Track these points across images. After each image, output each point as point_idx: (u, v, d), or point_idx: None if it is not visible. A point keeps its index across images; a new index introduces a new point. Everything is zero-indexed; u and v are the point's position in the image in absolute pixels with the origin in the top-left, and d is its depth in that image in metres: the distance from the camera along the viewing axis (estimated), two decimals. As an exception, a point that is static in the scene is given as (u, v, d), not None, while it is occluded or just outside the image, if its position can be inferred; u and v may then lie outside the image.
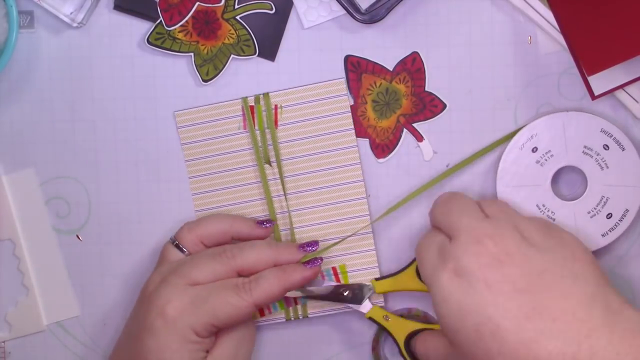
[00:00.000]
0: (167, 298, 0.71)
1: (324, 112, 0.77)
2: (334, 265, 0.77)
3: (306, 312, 0.78)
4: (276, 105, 0.77)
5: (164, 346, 0.70)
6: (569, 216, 0.76)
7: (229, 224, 0.76)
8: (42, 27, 0.78)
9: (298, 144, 0.77)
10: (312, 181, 0.77)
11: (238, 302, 0.71)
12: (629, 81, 0.75)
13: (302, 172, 0.77)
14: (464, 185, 0.78)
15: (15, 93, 0.79)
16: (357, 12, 0.76)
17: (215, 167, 0.77)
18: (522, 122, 0.77)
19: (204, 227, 0.76)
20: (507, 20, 0.77)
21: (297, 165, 0.77)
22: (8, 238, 0.79)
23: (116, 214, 0.79)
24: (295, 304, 0.78)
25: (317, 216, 0.77)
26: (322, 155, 0.77)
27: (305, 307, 0.78)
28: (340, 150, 0.77)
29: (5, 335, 0.80)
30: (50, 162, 0.79)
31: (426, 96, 0.77)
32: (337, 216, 0.77)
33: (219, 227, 0.76)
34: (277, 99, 0.77)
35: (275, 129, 0.77)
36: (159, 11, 0.77)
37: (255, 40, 0.77)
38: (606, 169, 0.75)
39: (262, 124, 0.77)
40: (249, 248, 0.74)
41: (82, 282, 0.80)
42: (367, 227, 0.77)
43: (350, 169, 0.77)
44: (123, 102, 0.79)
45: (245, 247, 0.74)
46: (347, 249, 0.77)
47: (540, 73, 0.77)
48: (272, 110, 0.77)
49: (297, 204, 0.77)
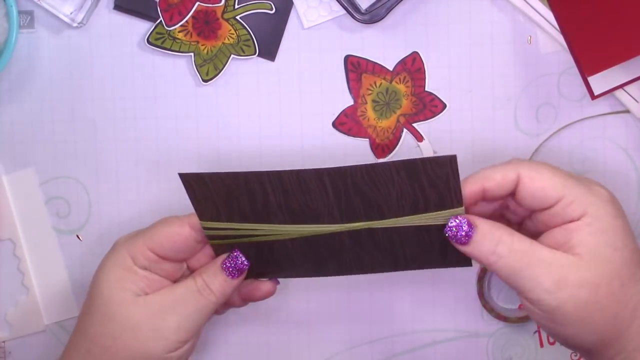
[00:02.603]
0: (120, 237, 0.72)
1: None
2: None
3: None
4: None
5: (100, 270, 0.70)
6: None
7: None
8: (42, 27, 0.78)
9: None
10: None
11: (174, 221, 0.70)
12: (628, 81, 0.75)
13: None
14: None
15: (15, 93, 0.79)
16: (357, 12, 0.76)
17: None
18: (522, 122, 0.77)
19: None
20: (507, 20, 0.77)
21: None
22: (8, 238, 0.79)
23: (116, 214, 0.79)
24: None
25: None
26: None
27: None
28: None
29: (5, 335, 0.80)
30: (50, 162, 0.79)
31: (426, 96, 0.78)
32: None
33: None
34: None
35: None
36: (159, 11, 0.77)
37: (255, 40, 0.77)
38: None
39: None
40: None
41: (82, 282, 0.80)
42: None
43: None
44: (123, 102, 0.79)
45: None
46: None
47: (540, 73, 0.77)
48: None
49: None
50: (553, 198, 0.65)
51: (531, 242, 0.65)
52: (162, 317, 0.69)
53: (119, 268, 0.70)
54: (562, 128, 0.77)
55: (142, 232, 0.71)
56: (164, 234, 0.70)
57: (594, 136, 0.77)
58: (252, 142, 0.79)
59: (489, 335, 0.79)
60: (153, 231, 0.70)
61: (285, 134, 0.79)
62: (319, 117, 0.78)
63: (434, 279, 0.79)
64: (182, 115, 0.78)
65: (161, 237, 0.70)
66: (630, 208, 0.78)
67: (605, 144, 0.77)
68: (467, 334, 0.78)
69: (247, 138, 0.79)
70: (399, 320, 0.79)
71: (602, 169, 0.78)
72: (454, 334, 0.79)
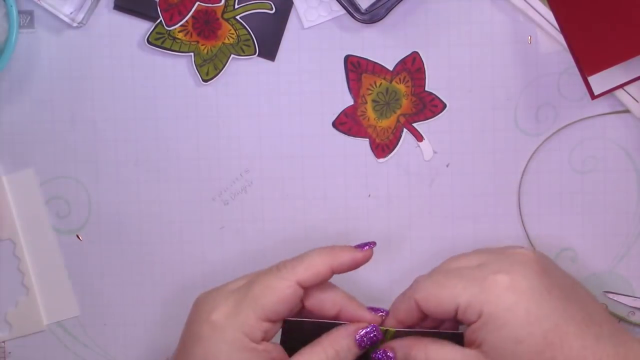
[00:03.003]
0: (213, 304, 0.66)
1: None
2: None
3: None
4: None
5: (212, 356, 0.65)
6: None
7: (329, 257, 0.68)
8: (42, 27, 0.78)
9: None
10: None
11: (280, 283, 0.65)
12: (628, 81, 0.75)
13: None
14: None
15: (15, 93, 0.79)
16: (357, 12, 0.76)
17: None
18: (522, 122, 0.77)
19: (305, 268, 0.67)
20: (507, 20, 0.77)
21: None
22: (8, 238, 0.79)
23: (116, 214, 0.79)
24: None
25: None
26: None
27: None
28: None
29: (5, 335, 0.80)
30: (50, 162, 0.79)
31: (426, 96, 0.78)
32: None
33: (319, 262, 0.68)
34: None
35: None
36: (159, 11, 0.77)
37: (255, 40, 0.77)
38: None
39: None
40: (306, 256, 0.68)
41: (82, 282, 0.80)
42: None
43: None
44: (123, 102, 0.79)
45: (302, 255, 0.68)
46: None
47: (540, 73, 0.77)
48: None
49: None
50: (451, 310, 0.65)
51: (442, 345, 0.66)
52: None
53: (238, 351, 0.65)
54: (562, 128, 0.77)
55: (244, 301, 0.65)
56: (273, 299, 0.65)
57: (594, 136, 0.77)
58: (252, 142, 0.79)
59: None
60: (257, 298, 0.65)
61: (285, 134, 0.79)
62: (319, 117, 0.78)
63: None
64: (182, 115, 0.78)
65: (272, 302, 0.65)
66: (631, 208, 0.78)
67: (605, 144, 0.77)
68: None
69: (247, 138, 0.79)
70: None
71: (602, 168, 0.78)
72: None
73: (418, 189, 0.78)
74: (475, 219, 0.78)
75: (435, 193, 0.78)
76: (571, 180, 0.78)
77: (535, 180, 0.78)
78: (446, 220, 0.78)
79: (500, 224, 0.78)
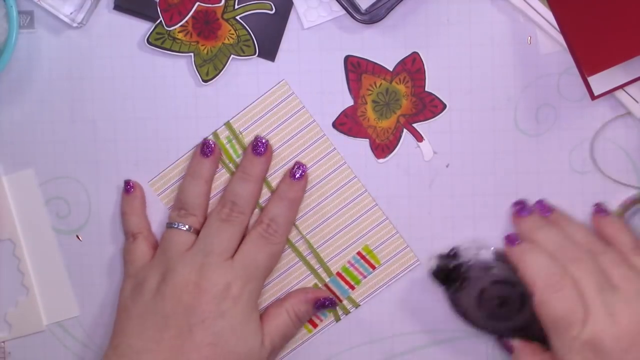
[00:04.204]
0: (225, 280, 0.73)
1: (281, 117, 0.77)
2: (358, 250, 0.78)
3: (355, 302, 0.78)
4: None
5: (238, 324, 0.73)
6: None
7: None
8: (42, 27, 0.78)
9: (275, 155, 0.77)
10: (312, 197, 0.78)
11: (277, 249, 0.76)
12: (629, 81, 0.75)
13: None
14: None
15: (15, 93, 0.79)
16: (357, 12, 0.76)
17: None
18: (522, 123, 0.77)
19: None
20: (507, 20, 0.77)
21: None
22: (8, 238, 0.79)
23: (116, 214, 0.79)
24: (340, 301, 0.78)
25: (332, 227, 0.78)
26: (300, 155, 0.77)
27: (352, 298, 0.78)
28: (314, 144, 0.77)
29: (5, 335, 0.80)
30: (50, 162, 0.79)
31: (426, 96, 0.78)
32: (350, 219, 0.78)
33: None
34: (237, 124, 0.77)
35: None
36: (159, 11, 0.77)
37: (255, 40, 0.77)
38: None
39: (231, 155, 0.78)
40: (239, 185, 0.76)
41: (82, 282, 0.80)
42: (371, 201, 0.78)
43: (340, 170, 0.78)
44: (123, 102, 0.79)
45: (235, 186, 0.76)
46: (361, 231, 0.78)
47: (540, 73, 0.77)
48: (239, 136, 0.77)
49: (308, 226, 0.78)
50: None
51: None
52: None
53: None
54: (562, 128, 0.77)
55: (252, 271, 0.75)
56: (272, 263, 0.77)
57: (594, 136, 0.77)
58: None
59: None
60: (257, 265, 0.75)
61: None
62: (319, 117, 0.78)
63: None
64: (182, 115, 0.78)
65: (272, 265, 0.77)
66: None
67: (605, 144, 0.77)
68: (467, 333, 0.78)
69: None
70: (399, 320, 0.79)
71: (602, 169, 0.78)
72: (454, 334, 0.79)
73: (418, 190, 0.78)
74: (475, 219, 0.78)
75: (435, 193, 0.78)
76: (571, 180, 0.78)
77: (535, 180, 0.78)
78: (446, 220, 0.78)
79: (500, 224, 0.78)
